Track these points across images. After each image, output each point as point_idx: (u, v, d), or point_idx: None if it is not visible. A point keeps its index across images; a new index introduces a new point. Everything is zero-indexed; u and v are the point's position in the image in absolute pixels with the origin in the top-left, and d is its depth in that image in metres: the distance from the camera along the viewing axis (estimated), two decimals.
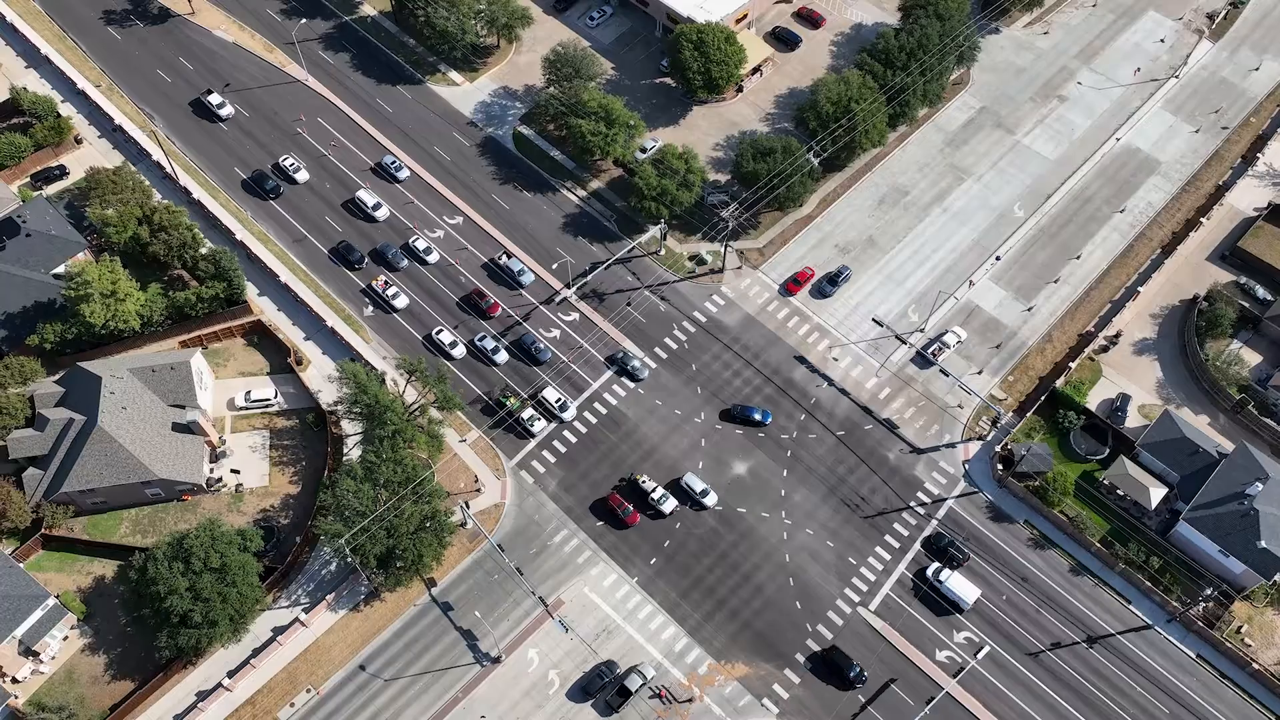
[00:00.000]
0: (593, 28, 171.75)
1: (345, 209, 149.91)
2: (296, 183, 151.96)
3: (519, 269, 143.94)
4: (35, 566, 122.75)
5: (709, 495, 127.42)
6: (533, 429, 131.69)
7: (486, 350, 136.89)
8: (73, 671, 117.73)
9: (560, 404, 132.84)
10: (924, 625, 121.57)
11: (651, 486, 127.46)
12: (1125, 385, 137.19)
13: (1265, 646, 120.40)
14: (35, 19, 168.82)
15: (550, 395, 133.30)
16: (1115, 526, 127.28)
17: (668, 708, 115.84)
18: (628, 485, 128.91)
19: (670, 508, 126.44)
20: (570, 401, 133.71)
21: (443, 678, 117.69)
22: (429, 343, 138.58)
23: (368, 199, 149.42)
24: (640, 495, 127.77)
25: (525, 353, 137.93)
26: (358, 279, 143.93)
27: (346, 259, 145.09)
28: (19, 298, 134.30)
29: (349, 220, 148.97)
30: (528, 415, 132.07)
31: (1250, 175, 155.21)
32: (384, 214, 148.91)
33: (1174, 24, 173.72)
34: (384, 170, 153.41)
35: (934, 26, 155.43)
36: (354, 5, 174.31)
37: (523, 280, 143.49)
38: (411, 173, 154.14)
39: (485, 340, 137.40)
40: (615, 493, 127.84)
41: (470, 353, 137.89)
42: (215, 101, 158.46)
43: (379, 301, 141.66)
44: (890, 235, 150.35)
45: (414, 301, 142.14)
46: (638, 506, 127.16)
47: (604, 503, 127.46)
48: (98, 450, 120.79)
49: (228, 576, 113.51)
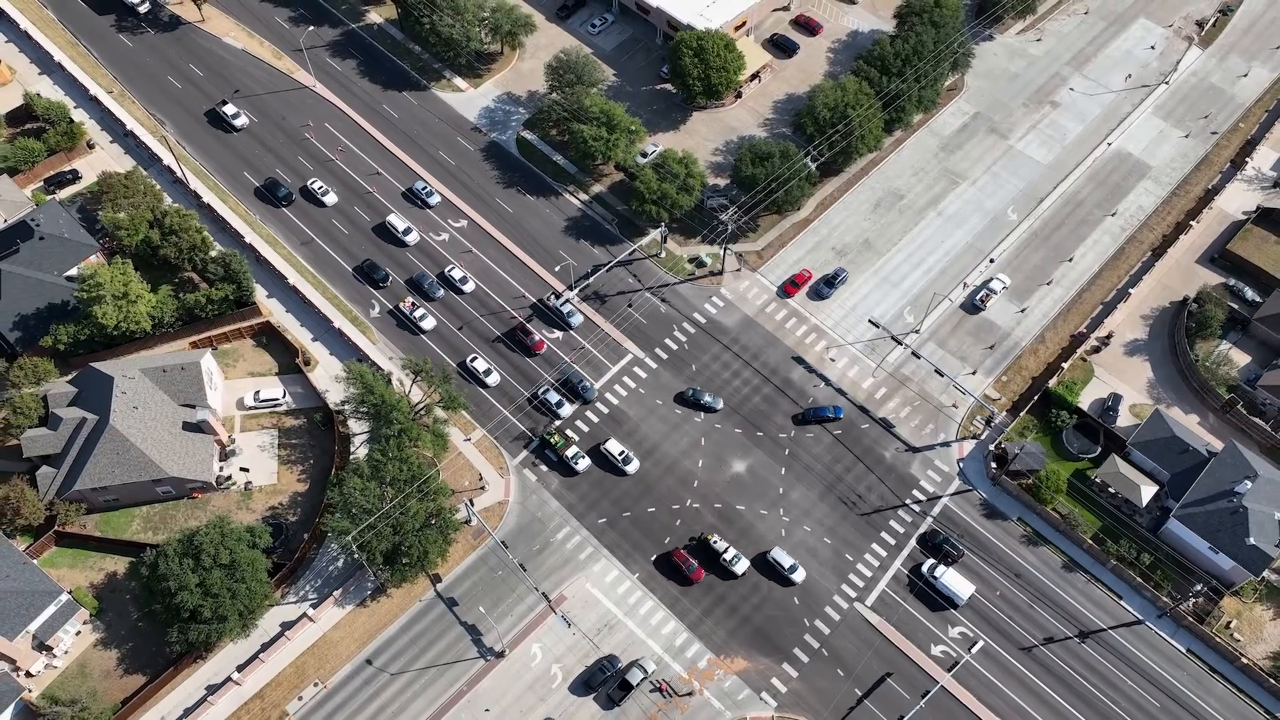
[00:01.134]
0: (594, 35, 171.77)
1: (375, 233, 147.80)
2: (325, 205, 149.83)
3: (569, 310, 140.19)
4: (49, 563, 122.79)
5: (797, 571, 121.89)
6: (577, 466, 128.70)
7: (550, 403, 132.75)
8: (85, 666, 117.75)
9: (624, 456, 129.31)
10: (919, 620, 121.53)
11: (723, 547, 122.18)
12: (1117, 385, 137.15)
13: (1254, 641, 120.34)
14: (48, 27, 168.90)
15: (614, 448, 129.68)
16: (1107, 524, 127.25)
17: (668, 701, 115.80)
18: (697, 544, 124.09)
19: (743, 569, 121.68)
20: (632, 454, 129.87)
21: (448, 672, 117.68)
22: (463, 369, 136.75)
23: (398, 223, 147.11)
24: (710, 554, 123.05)
25: (573, 391, 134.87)
26: (383, 298, 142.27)
27: (371, 277, 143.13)
28: (33, 299, 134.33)
29: (379, 244, 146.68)
30: (571, 454, 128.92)
31: (1239, 179, 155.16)
32: (414, 239, 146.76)
33: (1164, 31, 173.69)
34: (415, 196, 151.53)
35: (929, 33, 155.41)
36: (361, 13, 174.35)
37: (572, 321, 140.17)
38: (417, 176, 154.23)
39: (548, 393, 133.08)
40: (681, 549, 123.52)
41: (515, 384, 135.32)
42: (230, 112, 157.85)
43: (406, 323, 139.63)
44: (886, 238, 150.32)
45: (442, 323, 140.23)
46: (705, 564, 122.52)
47: (668, 557, 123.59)
48: (110, 449, 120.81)
49: (237, 573, 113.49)
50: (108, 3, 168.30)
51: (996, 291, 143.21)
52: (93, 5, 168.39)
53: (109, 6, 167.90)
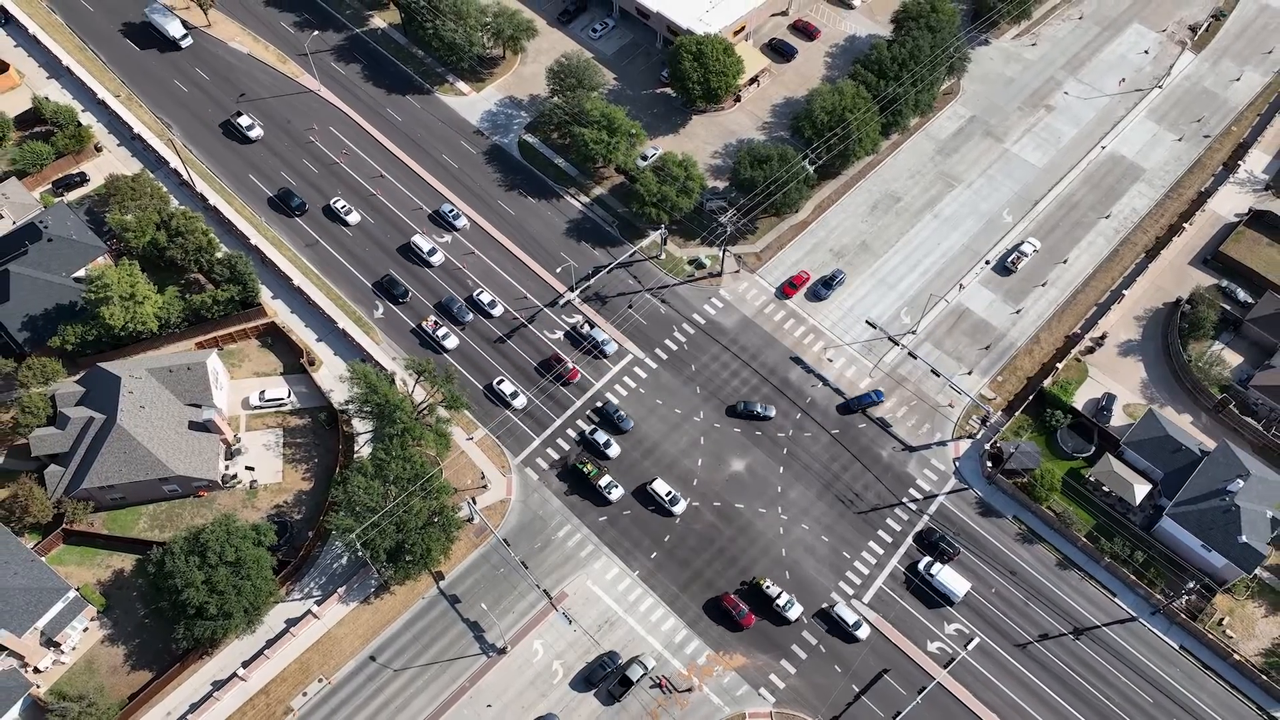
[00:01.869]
0: (595, 39, 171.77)
1: (400, 253, 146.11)
2: (348, 224, 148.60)
3: (603, 339, 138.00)
4: (57, 560, 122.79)
5: (861, 628, 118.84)
6: (610, 496, 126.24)
7: (598, 444, 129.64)
8: (93, 661, 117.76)
9: (671, 497, 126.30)
10: (916, 617, 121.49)
11: (776, 592, 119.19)
12: (1110, 385, 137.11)
13: (1246, 638, 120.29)
14: (57, 31, 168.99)
15: (660, 488, 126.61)
16: (1101, 522, 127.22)
17: (668, 697, 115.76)
18: (749, 588, 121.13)
19: (796, 614, 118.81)
20: (681, 497, 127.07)
21: (450, 668, 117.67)
22: (489, 392, 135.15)
23: (423, 244, 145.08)
24: (762, 599, 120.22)
25: (608, 421, 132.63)
26: (402, 314, 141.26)
27: (390, 293, 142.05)
28: (41, 300, 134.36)
29: (404, 265, 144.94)
30: (604, 483, 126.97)
31: (1231, 182, 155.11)
32: (439, 259, 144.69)
33: (1157, 36, 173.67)
34: (442, 218, 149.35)
35: (925, 38, 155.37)
36: (365, 18, 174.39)
37: (606, 349, 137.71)
38: (419, 179, 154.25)
39: (595, 433, 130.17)
40: (731, 594, 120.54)
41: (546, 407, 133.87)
42: (245, 124, 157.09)
43: (430, 342, 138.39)
44: (883, 240, 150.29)
45: (465, 343, 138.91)
46: (757, 610, 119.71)
47: (717, 602, 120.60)
48: (117, 448, 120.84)
49: (242, 570, 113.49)
50: (149, 38, 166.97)
51: (1028, 254, 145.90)
52: (134, 40, 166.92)
53: (151, 41, 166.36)
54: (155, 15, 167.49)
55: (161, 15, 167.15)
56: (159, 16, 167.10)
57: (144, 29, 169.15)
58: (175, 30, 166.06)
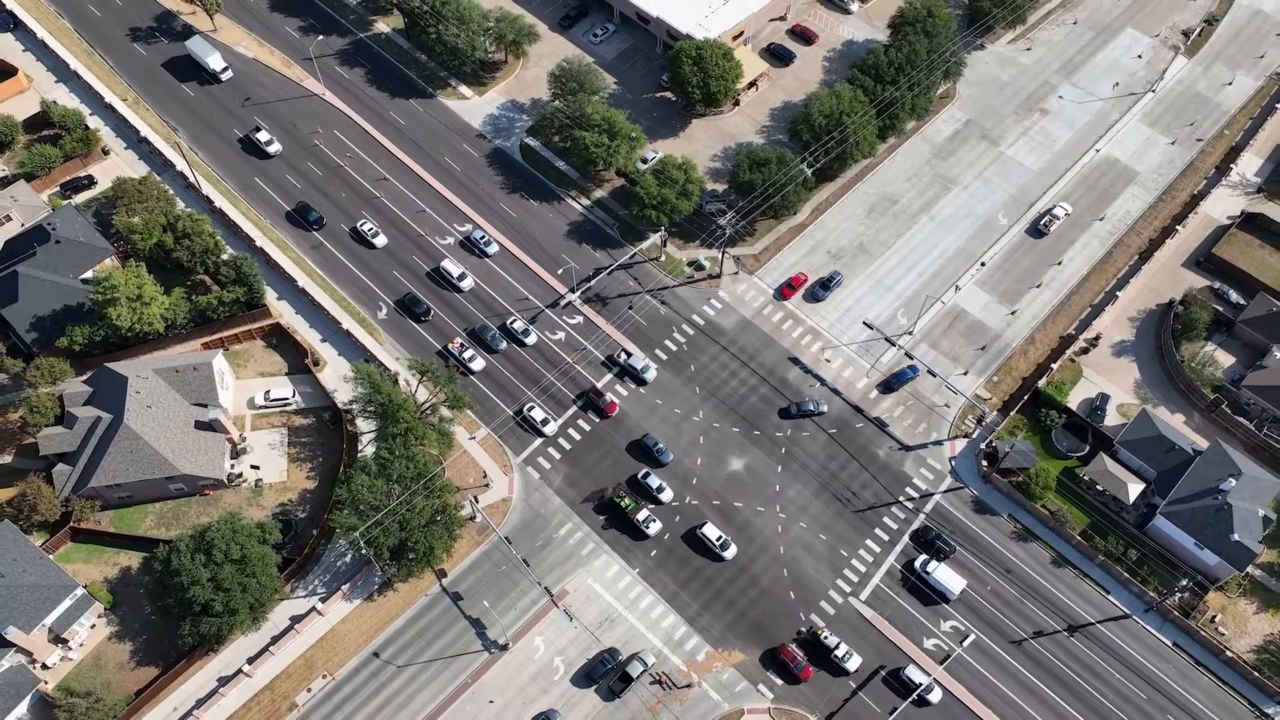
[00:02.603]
0: (596, 44, 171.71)
1: (429, 278, 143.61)
2: (375, 247, 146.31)
3: (642, 365, 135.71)
4: (64, 558, 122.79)
5: (933, 691, 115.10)
6: (648, 530, 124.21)
7: (651, 489, 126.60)
8: (100, 658, 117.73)
9: (722, 542, 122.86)
10: (912, 614, 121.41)
11: (835, 642, 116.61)
12: (1104, 385, 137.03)
13: (1238, 635, 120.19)
14: (65, 36, 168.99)
15: (711, 533, 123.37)
16: (1095, 520, 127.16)
17: (667, 693, 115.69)
18: (808, 637, 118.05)
19: (855, 665, 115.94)
20: (730, 539, 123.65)
21: (453, 664, 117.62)
22: (520, 418, 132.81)
23: (453, 269, 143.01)
24: (820, 649, 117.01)
25: (646, 453, 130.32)
26: (424, 331, 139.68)
27: (412, 310, 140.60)
28: (49, 302, 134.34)
29: (433, 289, 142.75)
30: (643, 517, 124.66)
31: (1224, 185, 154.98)
32: (469, 284, 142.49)
33: (1151, 40, 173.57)
34: (472, 244, 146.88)
35: (922, 43, 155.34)
36: (368, 22, 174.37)
37: (646, 377, 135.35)
38: (423, 182, 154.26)
39: (648, 477, 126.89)
40: (788, 645, 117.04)
41: None
42: (264, 139, 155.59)
43: (456, 363, 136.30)
44: (880, 242, 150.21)
45: (492, 365, 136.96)
46: (814, 660, 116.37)
47: (775, 653, 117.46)
48: (124, 447, 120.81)
49: (247, 567, 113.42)
50: (188, 71, 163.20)
51: (1060, 218, 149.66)
52: (174, 73, 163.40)
53: (189, 74, 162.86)
54: (195, 48, 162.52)
55: (201, 48, 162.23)
56: (199, 49, 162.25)
57: (184, 61, 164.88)
58: (216, 64, 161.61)
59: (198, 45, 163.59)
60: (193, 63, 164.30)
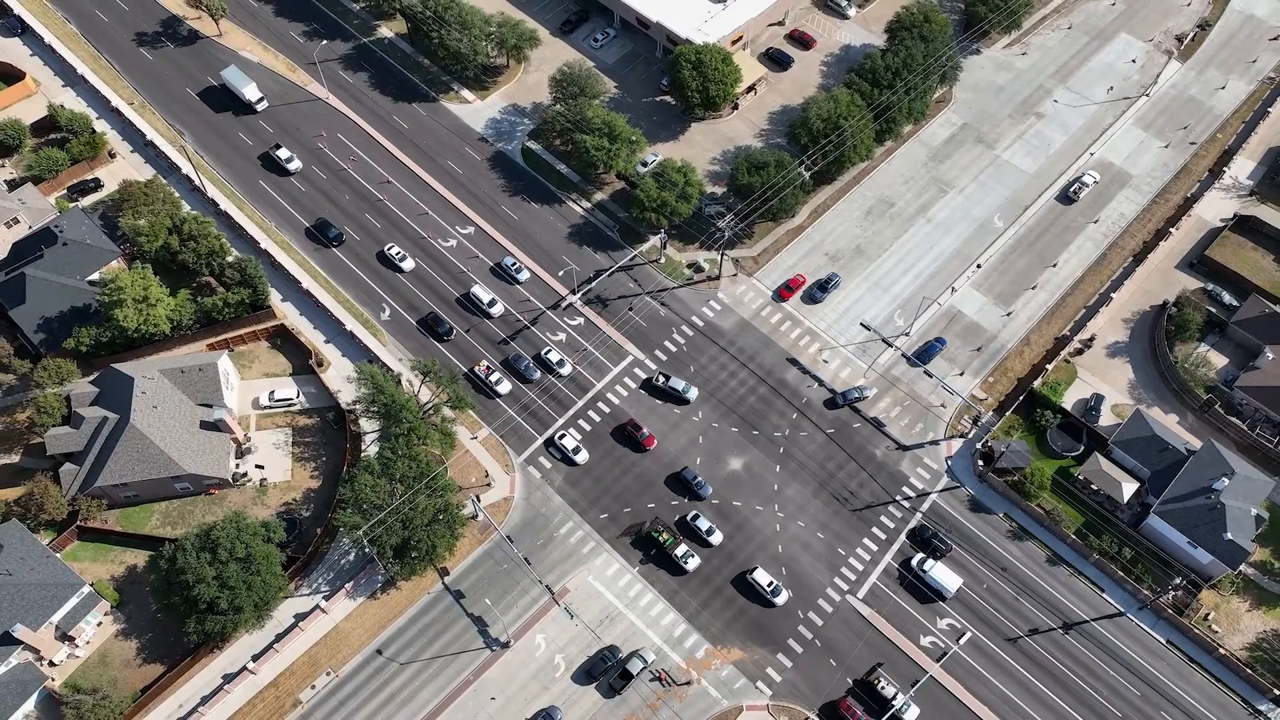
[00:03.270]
0: (597, 49, 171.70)
1: (459, 304, 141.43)
2: (403, 270, 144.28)
3: (683, 386, 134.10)
4: (71, 556, 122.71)
5: None
6: (686, 565, 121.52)
7: (701, 531, 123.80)
8: (106, 655, 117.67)
9: (774, 588, 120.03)
10: (909, 612, 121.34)
11: (891, 693, 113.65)
12: (1099, 386, 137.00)
13: (1231, 633, 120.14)
14: (72, 41, 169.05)
15: (761, 578, 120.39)
16: (1089, 519, 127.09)
17: (667, 690, 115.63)
18: (863, 687, 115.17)
19: (914, 716, 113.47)
20: (781, 585, 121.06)
21: (455, 661, 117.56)
22: (550, 445, 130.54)
23: (483, 295, 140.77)
24: (878, 699, 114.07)
25: (685, 486, 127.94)
26: (446, 350, 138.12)
27: (435, 330, 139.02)
28: (56, 303, 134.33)
29: (463, 314, 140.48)
30: (681, 552, 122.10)
31: (1217, 188, 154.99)
32: (499, 310, 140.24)
33: (1145, 45, 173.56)
34: (504, 271, 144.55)
35: (918, 48, 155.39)
36: (372, 28, 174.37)
37: (689, 396, 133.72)
38: (426, 184, 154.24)
39: (697, 519, 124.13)
40: (846, 698, 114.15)
41: None
42: (284, 156, 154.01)
43: (482, 387, 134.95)
44: (877, 244, 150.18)
45: (518, 388, 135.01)
46: (873, 713, 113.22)
47: (833, 706, 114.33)
48: (130, 447, 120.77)
49: (252, 566, 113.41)
50: (225, 102, 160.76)
51: (1089, 185, 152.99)
52: (211, 104, 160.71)
53: (226, 105, 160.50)
54: (231, 78, 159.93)
55: (237, 78, 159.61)
56: (235, 79, 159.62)
57: (219, 91, 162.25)
58: (251, 94, 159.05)
59: (233, 75, 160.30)
60: (228, 92, 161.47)
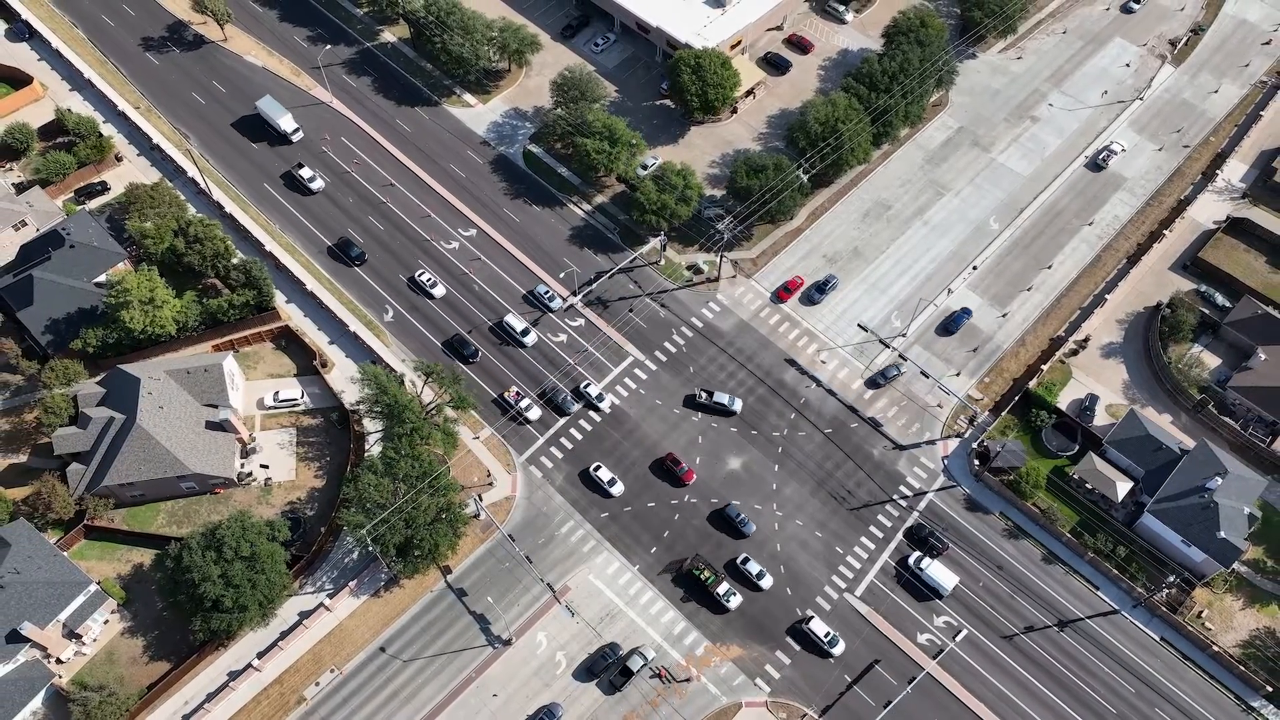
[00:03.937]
0: (597, 53, 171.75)
1: (493, 332, 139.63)
2: (433, 296, 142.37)
3: (728, 399, 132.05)
4: (78, 555, 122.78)
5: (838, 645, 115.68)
6: (728, 604, 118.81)
7: (752, 575, 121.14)
8: (113, 653, 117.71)
9: (830, 638, 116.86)
10: (906, 610, 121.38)
11: None
12: (1093, 386, 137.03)
13: (1224, 630, 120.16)
14: (79, 45, 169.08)
15: (819, 628, 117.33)
16: (1084, 518, 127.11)
17: (667, 687, 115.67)
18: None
19: None
20: (839, 635, 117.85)
21: (457, 659, 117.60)
22: (585, 478, 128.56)
23: (516, 324, 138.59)
24: None
25: (728, 524, 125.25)
26: (471, 372, 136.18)
27: (461, 352, 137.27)
28: (63, 305, 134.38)
29: (495, 344, 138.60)
30: (723, 590, 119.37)
31: (1210, 191, 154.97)
32: (532, 339, 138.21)
33: (1139, 50, 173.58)
34: (536, 299, 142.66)
35: (915, 52, 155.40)
36: (375, 32, 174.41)
37: (734, 408, 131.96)
38: (428, 187, 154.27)
39: (748, 562, 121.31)
40: None
41: None
42: (306, 175, 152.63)
43: (511, 413, 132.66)
44: (874, 246, 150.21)
45: (548, 414, 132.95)
46: None
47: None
48: (136, 447, 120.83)
49: (257, 564, 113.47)
50: (259, 132, 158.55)
51: (1117, 152, 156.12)
52: (246, 134, 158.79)
53: (260, 136, 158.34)
54: (266, 109, 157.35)
55: (272, 109, 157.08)
56: (270, 110, 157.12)
57: (254, 121, 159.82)
58: (287, 125, 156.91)
59: (268, 106, 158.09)
60: (262, 122, 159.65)
